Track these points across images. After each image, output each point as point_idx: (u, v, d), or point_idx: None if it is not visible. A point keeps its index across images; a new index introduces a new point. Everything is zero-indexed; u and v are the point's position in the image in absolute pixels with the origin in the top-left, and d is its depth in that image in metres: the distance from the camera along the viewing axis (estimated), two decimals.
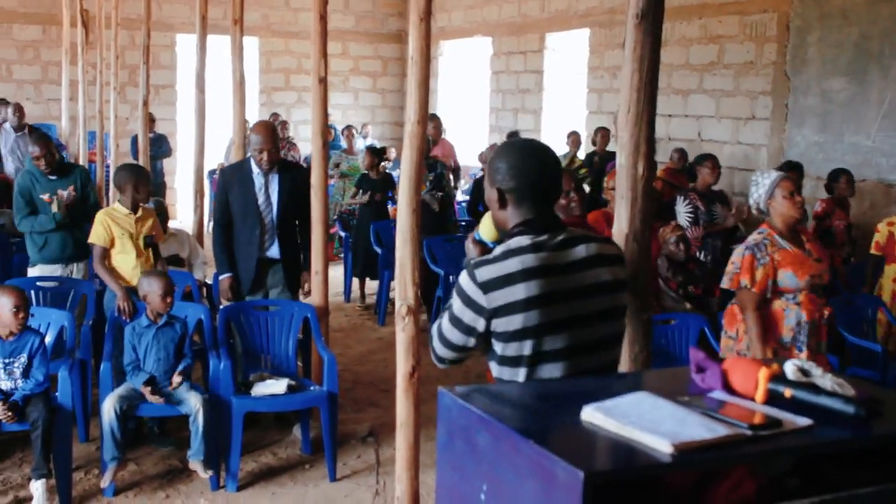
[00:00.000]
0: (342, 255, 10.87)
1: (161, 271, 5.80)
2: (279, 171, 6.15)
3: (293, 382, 5.64)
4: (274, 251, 6.16)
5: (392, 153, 13.37)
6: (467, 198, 11.22)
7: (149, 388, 5.26)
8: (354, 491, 5.43)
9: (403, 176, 4.40)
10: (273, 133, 6.15)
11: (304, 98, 17.83)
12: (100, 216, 6.11)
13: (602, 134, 11.84)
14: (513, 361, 2.66)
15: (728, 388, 2.22)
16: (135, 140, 12.42)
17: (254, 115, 15.32)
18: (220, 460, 5.39)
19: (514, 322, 2.62)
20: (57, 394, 5.13)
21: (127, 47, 14.55)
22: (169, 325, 5.45)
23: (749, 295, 4.86)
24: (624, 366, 3.44)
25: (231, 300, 6.18)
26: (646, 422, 1.93)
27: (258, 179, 6.12)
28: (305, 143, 15.62)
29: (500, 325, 2.64)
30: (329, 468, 5.55)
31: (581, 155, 12.24)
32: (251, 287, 6.16)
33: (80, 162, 13.63)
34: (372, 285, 10.16)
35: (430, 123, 11.71)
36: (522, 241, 2.71)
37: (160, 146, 13.01)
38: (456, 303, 2.72)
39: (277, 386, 5.55)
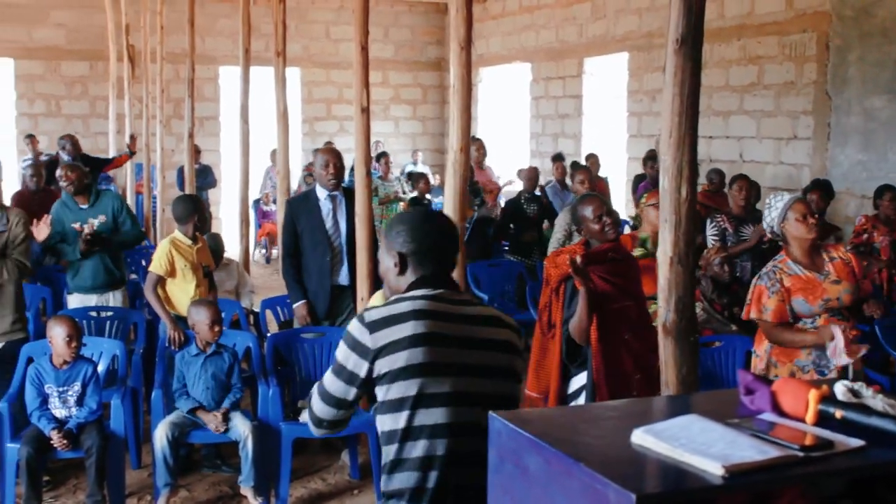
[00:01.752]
0: None
1: (209, 300, 5.89)
2: (345, 196, 6.22)
3: None
4: (344, 277, 6.21)
5: (436, 180, 13.47)
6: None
7: (205, 412, 5.33)
8: None
9: (447, 202, 4.46)
10: (337, 151, 6.26)
11: (345, 127, 18.00)
12: (164, 246, 6.21)
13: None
14: (396, 405, 2.61)
15: (778, 409, 2.23)
16: (181, 171, 12.61)
17: (296, 144, 15.48)
18: (270, 486, 5.44)
19: (398, 360, 2.60)
20: (110, 421, 5.22)
21: (172, 80, 14.78)
22: (217, 353, 5.52)
23: (765, 325, 4.84)
24: (671, 388, 3.45)
25: (310, 325, 6.24)
26: (696, 444, 1.94)
27: (325, 206, 6.18)
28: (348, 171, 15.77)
29: (383, 365, 2.61)
30: (377, 494, 5.57)
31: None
32: (325, 314, 6.20)
33: (126, 194, 13.87)
34: None
35: (472, 146, 11.79)
36: (416, 292, 2.75)
37: (205, 177, 13.20)
38: (340, 351, 2.70)
39: None
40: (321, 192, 6.21)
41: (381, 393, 2.63)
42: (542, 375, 4.82)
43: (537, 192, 9.81)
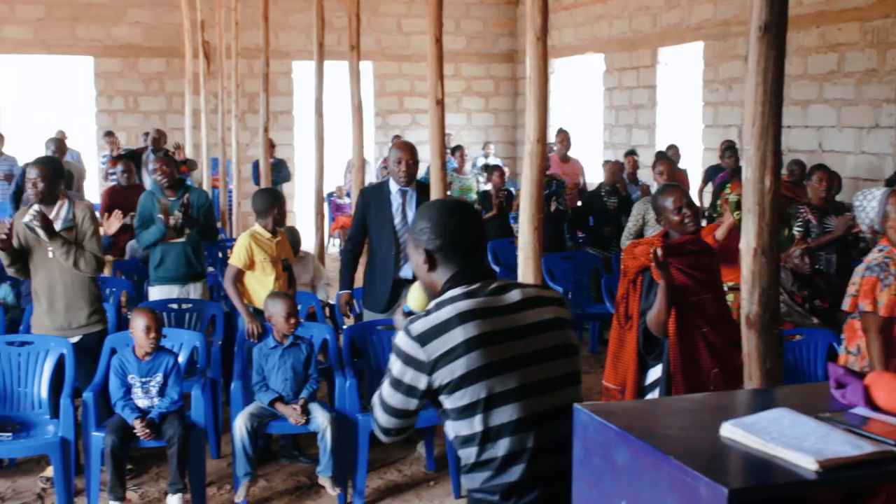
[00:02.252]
0: None
1: (285, 293, 5.94)
2: (417, 192, 6.23)
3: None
4: (407, 272, 6.23)
5: (507, 172, 13.41)
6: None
7: (284, 405, 5.39)
8: None
9: (524, 194, 4.44)
10: (412, 147, 6.28)
11: (417, 120, 18.06)
12: (244, 239, 6.29)
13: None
14: (467, 410, 2.56)
15: (871, 404, 2.18)
16: (256, 165, 12.76)
17: (369, 137, 15.58)
18: (347, 477, 5.48)
19: (456, 368, 2.54)
20: (191, 412, 5.31)
21: (246, 76, 14.96)
22: (295, 345, 5.57)
23: (873, 319, 4.59)
24: (755, 381, 3.39)
25: (348, 316, 6.29)
26: (788, 438, 1.91)
27: (396, 199, 6.20)
28: (421, 164, 15.81)
29: (443, 375, 2.56)
30: (454, 485, 5.59)
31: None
32: (385, 306, 6.24)
33: (204, 187, 14.08)
34: None
35: (557, 137, 11.73)
36: (454, 291, 2.68)
37: (280, 171, 13.33)
38: (395, 365, 2.64)
39: None
40: (393, 186, 6.23)
41: (448, 401, 2.58)
42: (619, 367, 4.79)
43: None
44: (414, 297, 2.95)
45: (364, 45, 9.04)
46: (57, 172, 5.81)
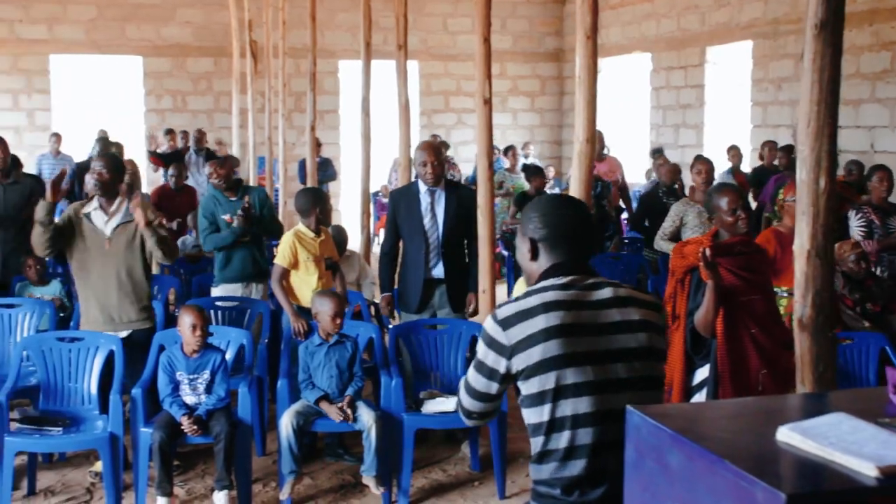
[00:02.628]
0: (505, 274, 10.93)
1: (333, 292, 5.94)
2: (445, 191, 6.24)
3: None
4: (439, 271, 6.23)
5: (550, 172, 13.38)
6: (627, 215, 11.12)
7: (328, 404, 5.41)
8: None
9: (572, 192, 4.41)
10: (435, 148, 6.27)
11: (463, 119, 18.06)
12: (288, 238, 6.32)
13: (769, 147, 11.52)
14: (537, 399, 2.60)
15: None
16: (302, 164, 12.81)
17: (415, 137, 15.60)
18: (391, 476, 5.48)
19: (533, 355, 2.59)
20: (237, 409, 5.34)
21: (293, 75, 15.05)
22: (340, 343, 5.58)
23: None
24: (807, 385, 3.35)
25: (392, 317, 6.30)
26: (847, 444, 1.87)
27: (424, 199, 6.22)
28: (466, 163, 15.84)
29: (520, 361, 2.61)
30: (498, 486, 5.57)
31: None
32: (418, 307, 6.25)
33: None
34: None
35: None
36: (546, 282, 2.71)
37: (326, 170, 13.38)
38: (480, 347, 2.72)
39: (448, 403, 5.60)
40: (422, 186, 6.24)
41: (523, 388, 2.63)
42: (665, 367, 4.74)
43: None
44: (519, 289, 3.02)
45: (410, 44, 9.06)
46: (119, 168, 5.96)
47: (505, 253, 10.85)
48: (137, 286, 5.83)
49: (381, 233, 15.05)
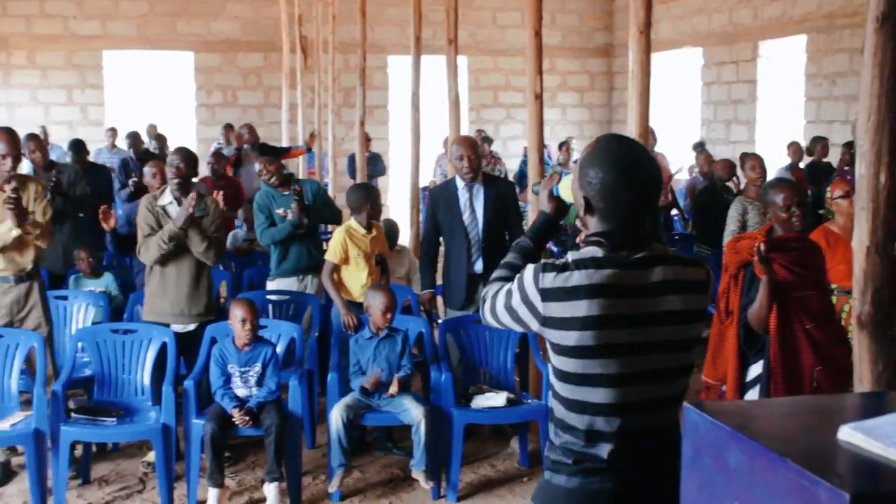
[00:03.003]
0: None
1: (385, 286, 5.97)
2: (484, 186, 6.22)
3: (512, 395, 5.69)
4: (479, 267, 6.23)
5: None
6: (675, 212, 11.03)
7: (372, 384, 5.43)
8: None
9: None
10: (472, 142, 6.27)
11: (512, 114, 18.03)
12: (339, 234, 6.35)
13: (822, 144, 11.36)
14: (562, 375, 2.56)
15: None
16: (352, 159, 12.86)
17: (464, 132, 15.60)
18: (440, 470, 5.49)
19: (568, 338, 2.50)
20: (288, 402, 5.37)
21: (342, 70, 15.11)
22: (390, 337, 5.60)
23: None
24: (866, 384, 3.29)
25: (430, 313, 6.31)
26: None
27: (463, 195, 6.21)
28: (514, 159, 15.81)
29: (553, 336, 2.54)
30: None
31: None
32: (463, 303, 6.25)
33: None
34: None
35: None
36: (596, 252, 2.54)
37: (375, 165, 13.42)
38: (514, 294, 2.61)
39: (497, 398, 5.61)
40: (459, 182, 6.24)
41: (552, 356, 2.58)
42: (719, 363, 4.73)
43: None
44: (565, 186, 2.83)
45: (459, 39, 9.04)
46: (193, 161, 6.07)
47: (554, 249, 10.80)
48: (207, 280, 5.95)
49: None
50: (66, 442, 5.20)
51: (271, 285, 7.06)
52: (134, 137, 12.67)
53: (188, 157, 5.98)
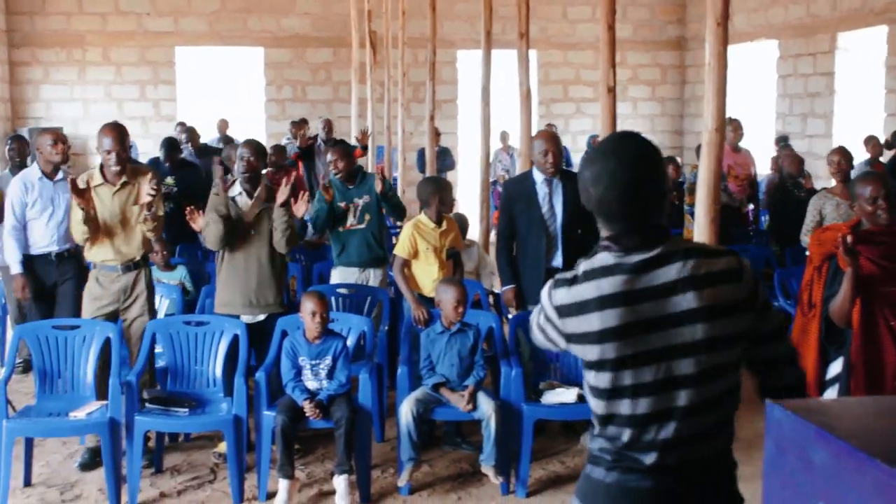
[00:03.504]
0: None
1: (457, 280, 5.95)
2: (563, 181, 6.17)
3: (582, 391, 5.62)
4: (558, 261, 6.17)
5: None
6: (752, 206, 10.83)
7: (451, 392, 5.40)
8: None
9: (701, 184, 4.31)
10: (556, 138, 6.21)
11: (582, 109, 17.91)
12: (408, 230, 6.35)
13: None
14: (592, 390, 2.49)
15: None
16: (421, 153, 12.86)
17: (534, 126, 15.53)
18: (510, 466, 5.45)
19: (590, 352, 2.44)
20: (358, 395, 5.38)
21: (411, 65, 15.12)
22: (462, 332, 5.57)
23: None
24: None
25: (515, 309, 6.27)
26: None
27: (541, 190, 6.15)
28: (581, 153, 15.68)
29: (577, 350, 2.49)
30: None
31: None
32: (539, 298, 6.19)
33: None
34: None
35: (728, 126, 11.37)
36: (606, 259, 2.46)
37: (444, 159, 13.42)
38: (541, 314, 2.59)
39: (568, 394, 5.55)
40: (538, 176, 6.17)
41: (583, 369, 2.53)
42: (800, 357, 4.62)
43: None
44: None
45: (530, 33, 8.98)
46: (263, 153, 6.13)
47: None
48: (277, 271, 6.00)
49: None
50: (139, 431, 5.27)
51: (334, 274, 7.06)
52: (190, 132, 12.82)
53: (258, 150, 6.03)
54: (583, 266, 2.50)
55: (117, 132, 5.73)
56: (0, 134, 15.61)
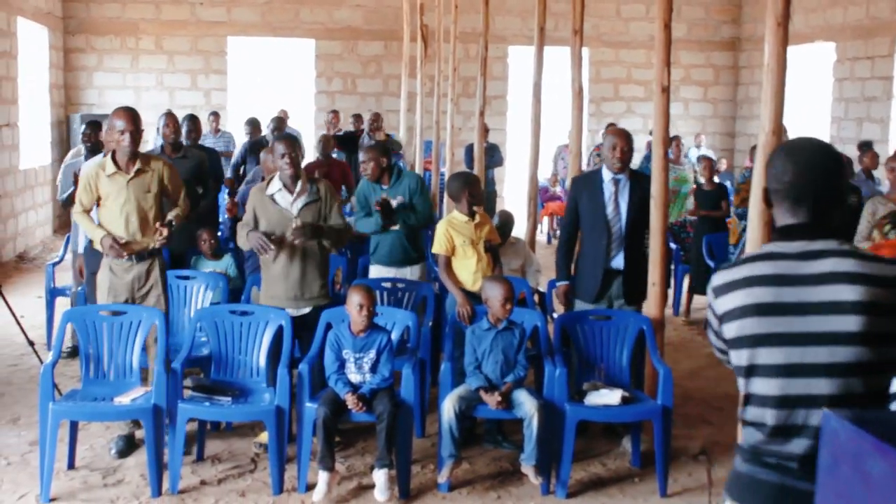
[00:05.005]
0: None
1: (504, 277, 5.91)
2: (630, 180, 6.11)
3: (626, 394, 5.57)
4: (618, 262, 6.11)
5: (723, 165, 12.98)
6: None
7: (489, 394, 5.37)
8: None
9: (755, 189, 4.24)
10: (627, 134, 6.15)
11: (633, 108, 17.78)
12: (441, 226, 6.34)
13: None
14: (737, 370, 2.62)
15: None
16: (469, 149, 12.81)
17: (584, 125, 15.43)
18: (550, 466, 5.41)
19: (731, 329, 2.57)
20: (400, 390, 5.36)
21: (462, 60, 15.08)
22: (508, 329, 5.53)
23: None
24: None
25: (564, 307, 6.23)
26: None
27: (608, 188, 6.11)
28: (636, 154, 15.54)
29: (725, 329, 2.61)
30: (660, 483, 5.42)
31: None
32: (596, 296, 6.15)
33: (415, 170, 14.30)
34: (700, 300, 9.95)
35: None
36: (768, 248, 2.62)
37: (492, 155, 13.35)
38: (708, 309, 2.73)
39: (612, 396, 5.49)
40: (606, 174, 6.12)
41: (730, 354, 2.64)
42: None
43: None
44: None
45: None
46: (299, 147, 6.12)
47: (672, 246, 10.59)
48: (321, 264, 6.00)
49: (545, 220, 15.06)
50: (182, 419, 5.30)
51: (371, 271, 7.07)
52: (253, 125, 12.89)
53: (296, 147, 6.02)
54: (746, 253, 2.72)
55: (130, 114, 5.73)
56: (54, 120, 15.81)
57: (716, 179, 10.50)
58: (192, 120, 9.06)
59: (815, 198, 2.56)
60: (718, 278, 2.64)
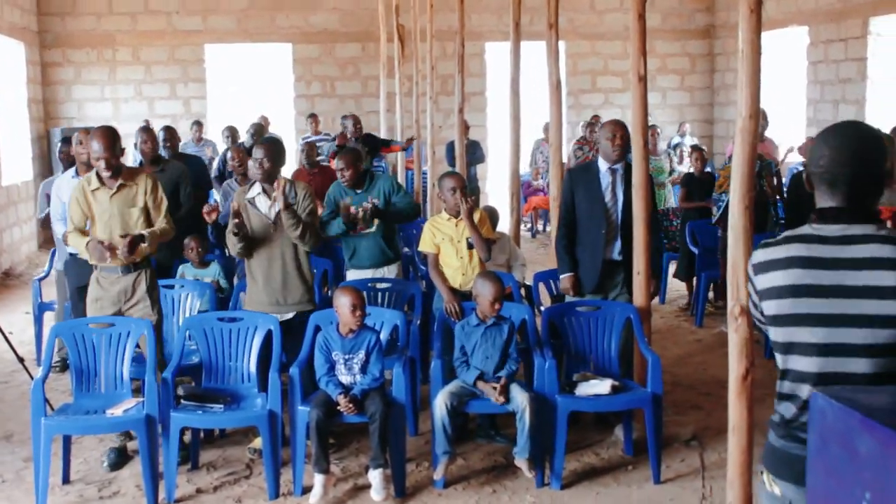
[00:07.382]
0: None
1: (493, 273, 5.93)
2: (626, 171, 6.14)
3: (616, 383, 5.60)
4: (616, 253, 6.14)
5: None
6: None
7: (485, 384, 5.39)
8: (680, 495, 5.32)
9: (735, 173, 4.27)
10: (624, 125, 6.18)
11: (611, 99, 17.82)
12: (426, 226, 6.39)
13: None
14: (775, 346, 2.69)
15: None
16: (450, 147, 12.81)
17: (562, 117, 15.45)
18: (544, 458, 5.44)
19: (771, 307, 2.65)
20: (391, 389, 5.38)
21: (439, 58, 15.07)
22: (496, 324, 5.56)
23: None
24: None
25: (574, 297, 6.24)
26: None
27: (605, 178, 6.14)
28: None
29: (765, 307, 2.68)
30: (653, 470, 5.46)
31: None
32: (595, 288, 6.17)
33: (397, 169, 14.30)
34: (681, 286, 10.04)
35: None
36: (807, 229, 2.67)
37: (474, 152, 13.34)
38: (749, 284, 2.80)
39: (601, 386, 5.53)
40: (602, 165, 6.16)
41: (769, 330, 2.72)
42: None
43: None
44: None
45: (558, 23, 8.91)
46: (280, 153, 6.12)
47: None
48: (302, 269, 6.01)
49: (529, 216, 15.07)
50: (176, 428, 5.30)
51: (349, 274, 7.02)
52: (232, 132, 12.89)
53: (271, 152, 6.01)
54: (786, 233, 2.73)
55: (107, 139, 5.63)
56: (34, 135, 15.73)
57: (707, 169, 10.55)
58: (168, 130, 9.01)
59: (850, 182, 2.60)
60: (759, 255, 2.71)
